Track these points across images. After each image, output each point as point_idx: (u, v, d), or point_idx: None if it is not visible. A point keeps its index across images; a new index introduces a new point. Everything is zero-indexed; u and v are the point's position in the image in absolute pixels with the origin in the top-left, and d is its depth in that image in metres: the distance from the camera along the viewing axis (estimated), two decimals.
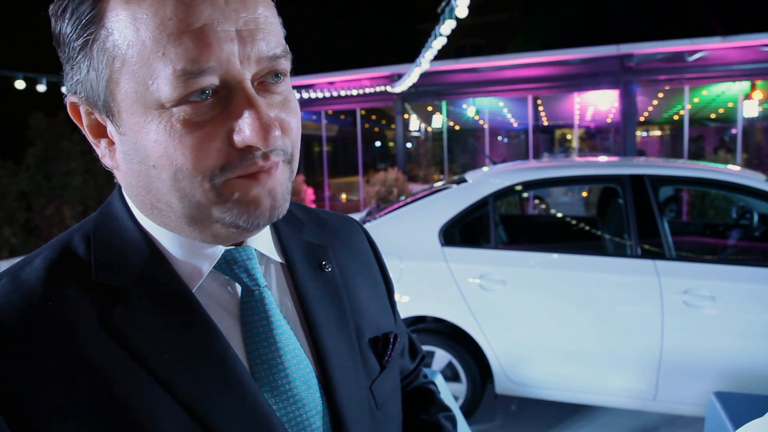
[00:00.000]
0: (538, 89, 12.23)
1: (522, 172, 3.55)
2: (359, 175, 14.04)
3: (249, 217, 0.58)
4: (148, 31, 0.51)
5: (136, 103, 0.53)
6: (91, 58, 0.54)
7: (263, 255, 0.70)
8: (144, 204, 0.60)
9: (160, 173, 0.55)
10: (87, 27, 0.53)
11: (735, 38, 9.56)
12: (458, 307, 3.26)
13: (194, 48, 0.51)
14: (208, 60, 0.51)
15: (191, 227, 0.60)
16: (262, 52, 0.55)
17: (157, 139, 0.53)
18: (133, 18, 0.51)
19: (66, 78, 0.58)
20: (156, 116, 0.53)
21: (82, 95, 0.57)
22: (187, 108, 0.53)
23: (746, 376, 2.86)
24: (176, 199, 0.56)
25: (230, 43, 0.52)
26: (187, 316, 0.59)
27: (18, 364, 0.52)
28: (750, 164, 11.97)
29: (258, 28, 0.55)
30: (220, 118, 0.54)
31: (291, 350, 0.65)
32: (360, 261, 0.84)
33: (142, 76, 0.52)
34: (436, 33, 6.48)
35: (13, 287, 0.57)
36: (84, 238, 0.63)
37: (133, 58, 0.52)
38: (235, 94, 0.54)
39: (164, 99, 0.52)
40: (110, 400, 0.53)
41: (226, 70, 0.53)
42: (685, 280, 2.95)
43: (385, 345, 0.77)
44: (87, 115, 0.59)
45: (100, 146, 0.61)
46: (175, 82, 0.51)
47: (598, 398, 3.18)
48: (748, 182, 3.16)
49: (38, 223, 8.86)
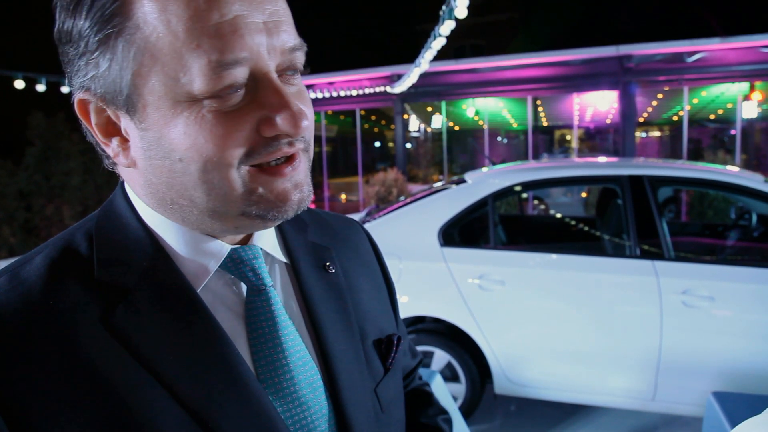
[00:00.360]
0: (537, 90, 12.24)
1: (521, 173, 3.55)
2: (359, 176, 14.04)
3: (277, 211, 0.58)
4: (180, 22, 0.51)
5: (164, 96, 0.53)
6: (114, 53, 0.53)
7: (268, 254, 0.69)
8: (163, 201, 0.59)
9: (187, 166, 0.54)
10: (110, 20, 0.52)
11: (734, 39, 9.57)
12: (457, 307, 3.26)
13: (229, 39, 0.51)
14: (242, 50, 0.52)
15: (213, 220, 0.59)
16: (285, 43, 0.56)
17: (186, 131, 0.53)
18: (163, 9, 0.51)
19: (76, 74, 0.56)
20: (185, 108, 0.53)
21: (98, 91, 0.55)
22: (218, 99, 0.53)
23: (745, 376, 2.87)
24: (203, 192, 0.56)
25: (259, 34, 0.53)
26: (191, 316, 0.58)
27: (17, 365, 0.51)
28: (749, 165, 11.98)
29: (281, 20, 0.56)
30: (248, 108, 0.54)
31: (296, 352, 0.65)
32: (362, 263, 0.83)
33: (172, 69, 0.52)
34: (435, 33, 6.48)
35: (13, 285, 0.56)
36: (86, 236, 0.61)
37: (164, 51, 0.51)
38: (262, 85, 0.54)
39: (196, 91, 0.52)
40: (112, 401, 0.52)
41: (256, 61, 0.53)
42: (683, 281, 2.95)
43: (388, 347, 0.77)
44: (98, 113, 0.58)
45: (111, 145, 0.59)
46: (210, 73, 0.51)
47: (597, 398, 3.18)
48: (747, 183, 3.16)
49: (37, 222, 8.86)
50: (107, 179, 10.04)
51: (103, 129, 0.58)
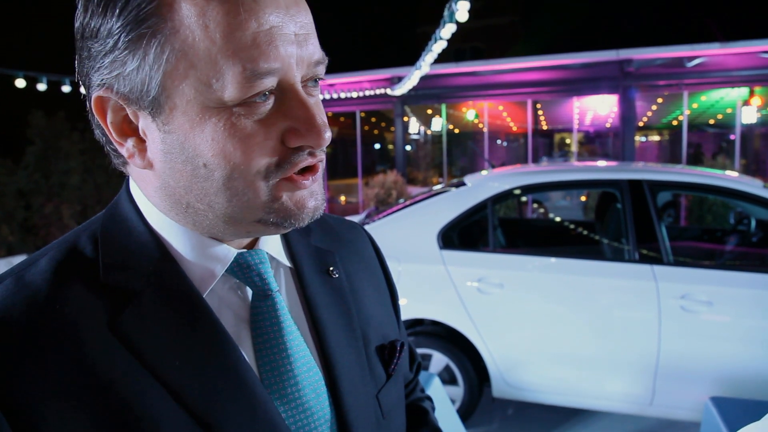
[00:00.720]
0: (537, 93, 12.25)
1: (521, 176, 3.56)
2: (358, 177, 14.04)
3: (295, 219, 0.58)
4: (218, 29, 0.51)
5: (194, 101, 0.53)
6: (147, 53, 0.52)
7: (273, 258, 0.69)
8: (178, 204, 0.59)
9: (211, 172, 0.54)
10: (146, 20, 0.51)
11: (733, 45, 9.59)
12: (456, 310, 3.26)
13: (265, 49, 0.52)
14: (275, 61, 0.52)
15: (228, 226, 0.59)
16: (312, 56, 0.57)
17: (214, 137, 0.53)
18: (203, 15, 0.51)
19: (97, 71, 0.55)
20: (215, 115, 0.53)
21: (122, 90, 0.55)
22: (248, 107, 0.53)
23: (743, 381, 2.87)
24: (224, 198, 0.56)
25: (291, 45, 0.54)
26: (196, 321, 0.58)
27: (23, 368, 0.51)
28: (748, 170, 12.00)
29: (309, 32, 0.56)
30: (275, 117, 0.55)
31: (301, 357, 0.65)
32: (366, 267, 0.83)
33: (205, 74, 0.52)
34: (436, 36, 6.49)
35: (18, 288, 0.55)
36: (91, 239, 0.61)
37: (199, 55, 0.51)
38: (289, 96, 0.55)
39: (228, 98, 0.52)
40: (117, 405, 0.52)
41: (286, 72, 0.54)
42: (682, 285, 2.96)
43: (391, 353, 0.76)
44: (115, 112, 0.57)
45: (126, 145, 0.58)
46: (243, 81, 0.51)
47: (595, 402, 3.18)
48: (746, 188, 3.16)
49: (36, 221, 8.85)
50: (107, 179, 10.03)
51: (118, 128, 0.57)
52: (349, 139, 15.03)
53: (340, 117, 16.22)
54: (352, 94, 12.12)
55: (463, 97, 13.09)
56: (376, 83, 12.39)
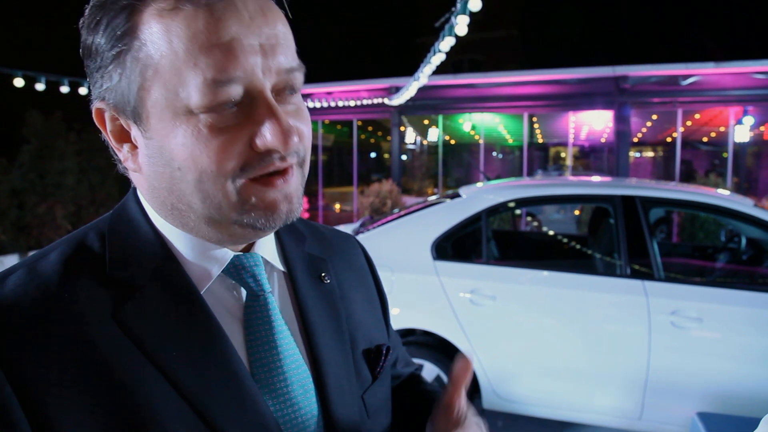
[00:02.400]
0: (534, 107, 12.33)
1: (515, 189, 3.59)
2: (354, 186, 14.06)
3: (266, 220, 0.61)
4: (180, 42, 0.55)
5: (166, 109, 0.57)
6: (124, 67, 0.58)
7: (268, 263, 0.73)
8: (164, 205, 0.63)
9: (184, 175, 0.58)
10: (121, 38, 0.57)
11: (728, 64, 9.71)
12: (448, 321, 3.28)
13: (223, 59, 0.55)
14: (235, 70, 0.56)
15: (209, 227, 0.63)
16: (281, 65, 0.59)
17: (184, 142, 0.57)
18: (167, 30, 0.56)
19: (94, 85, 0.62)
20: (184, 121, 0.57)
21: (111, 102, 0.60)
22: (214, 114, 0.57)
23: (731, 397, 2.89)
24: (198, 199, 0.60)
25: (254, 55, 0.57)
26: (194, 316, 0.62)
27: (33, 351, 0.54)
28: (740, 188, 12.10)
29: (278, 43, 0.59)
30: (242, 124, 0.58)
31: (290, 355, 0.68)
32: (357, 275, 0.87)
33: (172, 84, 0.56)
34: (435, 49, 6.54)
35: (30, 278, 0.59)
36: (98, 236, 0.66)
37: (165, 67, 0.56)
38: (256, 103, 0.58)
39: (193, 105, 0.56)
40: (117, 389, 0.55)
41: (251, 80, 0.57)
42: (673, 301, 2.98)
43: (377, 356, 0.80)
44: (112, 121, 0.63)
45: (122, 150, 0.63)
46: (205, 89, 0.55)
47: (584, 416, 3.20)
48: (737, 207, 3.21)
49: (29, 221, 8.80)
50: (102, 180, 10.00)
51: (116, 136, 0.63)
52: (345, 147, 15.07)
53: (337, 125, 16.26)
54: (349, 103, 12.16)
55: (460, 109, 13.16)
56: (374, 92, 12.44)
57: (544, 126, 15.19)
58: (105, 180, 10.05)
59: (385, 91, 12.25)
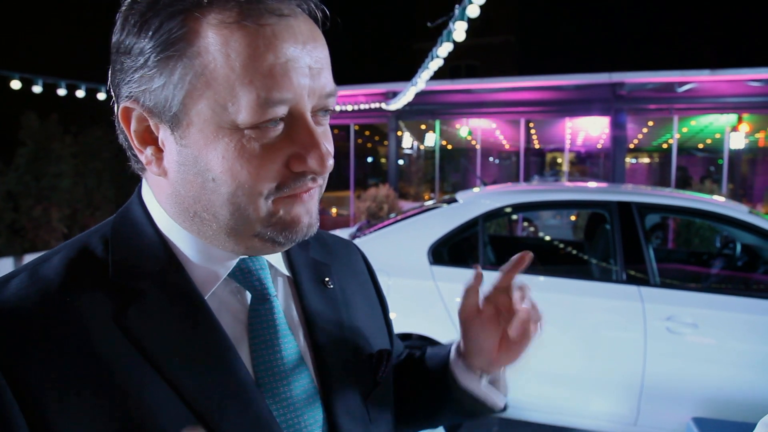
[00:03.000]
0: (530, 113, 12.38)
1: (512, 195, 3.60)
2: (350, 190, 14.06)
3: (289, 234, 0.62)
4: (239, 58, 0.55)
5: (210, 120, 0.57)
6: (172, 73, 0.57)
7: (272, 267, 0.73)
8: (186, 211, 0.63)
9: (218, 187, 0.59)
10: (174, 43, 0.56)
11: (723, 72, 9.78)
12: (444, 326, 3.27)
13: (279, 80, 0.56)
14: (288, 92, 0.57)
15: (229, 237, 0.63)
16: (324, 88, 0.61)
17: (225, 155, 0.57)
18: (225, 44, 0.55)
19: (126, 84, 0.60)
20: (227, 135, 0.57)
21: (147, 103, 0.59)
22: (258, 131, 0.57)
23: (726, 403, 2.90)
24: (227, 211, 0.60)
25: (305, 77, 0.58)
26: (197, 321, 0.62)
27: (35, 354, 0.54)
28: (735, 195, 12.15)
29: (323, 67, 0.61)
30: (282, 143, 0.59)
31: (294, 360, 0.68)
32: (358, 282, 0.88)
33: (222, 98, 0.56)
34: (433, 54, 6.56)
35: (32, 281, 0.59)
36: (102, 240, 0.65)
37: (218, 80, 0.56)
38: (299, 124, 0.59)
39: (241, 121, 0.56)
40: (118, 392, 0.55)
41: (297, 102, 0.58)
42: (668, 307, 2.99)
43: (379, 361, 0.80)
44: (139, 122, 0.61)
45: (145, 152, 0.62)
46: (256, 107, 0.56)
47: (580, 421, 3.20)
48: (732, 213, 3.22)
49: (24, 224, 8.76)
50: (98, 183, 9.97)
51: (140, 137, 0.62)
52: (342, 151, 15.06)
53: (335, 129, 16.24)
54: (347, 107, 12.18)
55: (457, 114, 13.20)
56: (371, 97, 12.47)
57: (540, 132, 15.23)
58: (101, 183, 10.01)
59: (382, 96, 12.27)
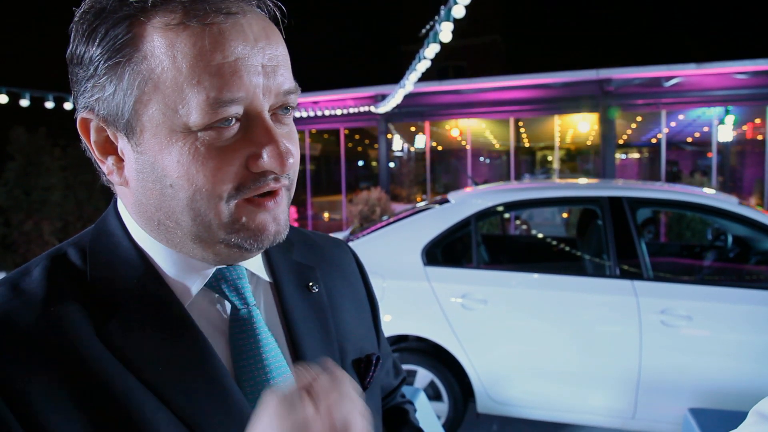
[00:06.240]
0: (519, 111, 12.42)
1: (503, 193, 3.61)
2: (342, 194, 14.05)
3: (254, 241, 0.61)
4: (185, 59, 0.55)
5: (162, 125, 0.56)
6: (121, 79, 0.56)
7: (253, 274, 0.72)
8: (151, 220, 0.62)
9: (176, 192, 0.58)
10: (120, 49, 0.56)
11: (709, 65, 9.85)
12: (440, 326, 3.28)
13: (228, 79, 0.55)
14: (239, 90, 0.56)
15: (195, 245, 0.62)
16: (280, 86, 0.60)
17: (180, 160, 0.56)
18: (171, 46, 0.55)
19: (81, 95, 0.60)
20: (181, 138, 0.56)
21: (101, 112, 0.59)
22: (212, 133, 0.56)
23: (721, 393, 2.91)
24: (189, 217, 0.59)
25: (257, 76, 0.57)
26: (179, 331, 0.61)
27: (22, 368, 0.54)
28: (725, 187, 12.23)
29: (279, 65, 0.60)
30: (239, 144, 0.58)
31: (277, 368, 0.68)
32: (347, 283, 0.86)
33: (172, 101, 0.55)
34: (420, 56, 6.58)
35: (15, 294, 0.59)
36: (80, 253, 0.65)
37: (166, 83, 0.55)
38: (255, 124, 0.58)
39: (192, 123, 0.55)
40: (106, 406, 0.55)
41: (251, 101, 0.57)
42: (662, 300, 3.01)
43: (367, 367, 0.79)
44: (97, 132, 0.61)
45: (107, 163, 0.62)
46: (207, 108, 0.55)
47: (578, 417, 3.21)
48: (722, 205, 3.24)
49: (16, 238, 8.71)
50: (88, 195, 9.93)
51: (101, 147, 0.62)
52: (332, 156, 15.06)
53: (324, 134, 16.26)
54: (336, 112, 12.18)
55: (446, 115, 13.22)
56: (360, 101, 12.48)
57: (530, 130, 15.28)
58: (91, 195, 9.97)
59: (371, 99, 12.29)
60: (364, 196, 9.96)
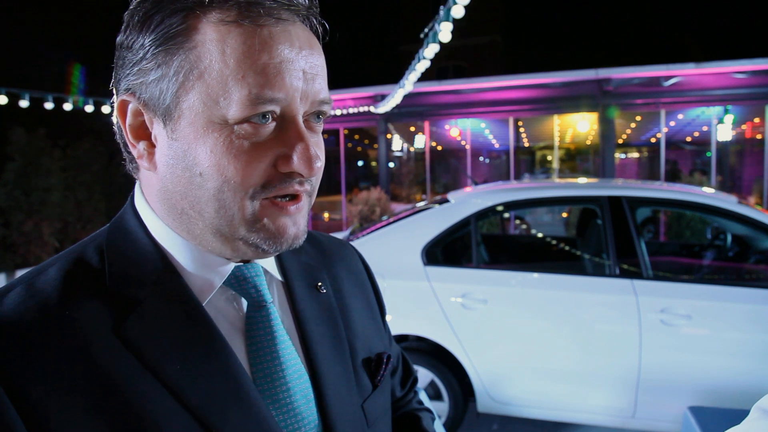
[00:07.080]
0: (519, 111, 12.43)
1: (503, 193, 3.61)
2: (342, 195, 14.06)
3: (273, 243, 0.63)
4: (233, 54, 0.57)
5: (201, 114, 0.58)
6: (169, 66, 0.58)
7: (267, 272, 0.73)
8: (174, 208, 0.64)
9: (205, 181, 0.59)
10: (173, 37, 0.58)
11: (708, 65, 9.86)
12: (440, 325, 3.28)
13: (271, 79, 0.58)
14: (279, 91, 0.58)
15: (215, 238, 0.63)
16: (318, 94, 0.62)
17: (213, 150, 0.58)
18: (222, 40, 0.57)
19: (125, 78, 0.62)
20: (217, 129, 0.58)
21: (143, 96, 0.61)
22: (248, 128, 0.58)
23: (722, 392, 2.92)
24: (213, 209, 0.60)
25: (298, 80, 0.60)
26: (197, 329, 0.62)
27: (36, 369, 0.54)
28: (724, 186, 12.25)
29: (318, 74, 0.62)
30: (272, 142, 0.60)
31: (292, 365, 0.69)
32: (355, 283, 0.87)
33: (215, 92, 0.57)
34: (419, 56, 6.58)
35: (30, 295, 0.59)
36: (97, 250, 0.65)
37: (212, 75, 0.57)
38: (289, 126, 0.60)
39: (230, 116, 0.58)
40: (121, 404, 0.55)
41: (289, 103, 0.59)
42: (662, 299, 3.01)
43: (378, 365, 0.80)
44: (134, 115, 0.63)
45: (138, 147, 0.63)
46: (247, 103, 0.57)
47: (578, 416, 3.21)
48: (721, 204, 3.25)
49: (15, 239, 8.70)
50: (88, 196, 9.92)
51: (134, 131, 0.63)
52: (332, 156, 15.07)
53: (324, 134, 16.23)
54: (335, 112, 12.19)
55: (445, 115, 13.22)
56: (360, 101, 12.48)
57: (529, 130, 15.29)
58: (91, 195, 9.96)
59: (370, 100, 12.29)
60: (363, 196, 9.96)
